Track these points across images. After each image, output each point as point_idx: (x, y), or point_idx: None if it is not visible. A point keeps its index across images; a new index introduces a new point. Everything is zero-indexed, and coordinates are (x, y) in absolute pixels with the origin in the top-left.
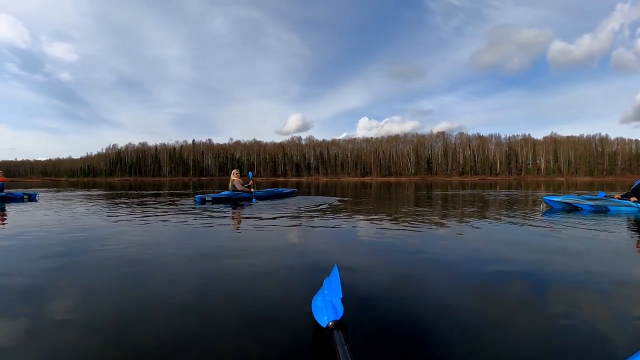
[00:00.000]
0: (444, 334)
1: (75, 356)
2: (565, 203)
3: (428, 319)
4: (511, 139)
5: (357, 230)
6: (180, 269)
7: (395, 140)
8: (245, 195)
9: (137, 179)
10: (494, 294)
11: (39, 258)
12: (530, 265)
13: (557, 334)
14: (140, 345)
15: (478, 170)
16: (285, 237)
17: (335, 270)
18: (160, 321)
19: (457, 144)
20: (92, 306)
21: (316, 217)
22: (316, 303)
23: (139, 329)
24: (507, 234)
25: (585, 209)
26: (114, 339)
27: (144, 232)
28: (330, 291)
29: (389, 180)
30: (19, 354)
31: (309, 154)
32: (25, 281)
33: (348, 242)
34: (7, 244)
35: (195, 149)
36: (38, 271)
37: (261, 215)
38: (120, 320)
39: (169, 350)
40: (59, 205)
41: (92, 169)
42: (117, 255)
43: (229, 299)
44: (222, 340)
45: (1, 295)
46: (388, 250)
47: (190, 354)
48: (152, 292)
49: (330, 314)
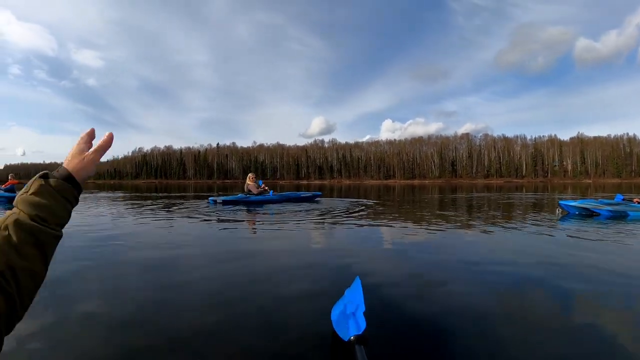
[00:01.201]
0: (469, 351)
1: (104, 349)
2: (581, 208)
3: (453, 334)
4: (537, 140)
5: (380, 236)
6: (204, 270)
7: (419, 143)
8: (258, 199)
9: (163, 181)
10: (518, 305)
11: (68, 257)
12: (556, 275)
13: (582, 344)
14: (164, 340)
15: (503, 172)
16: (306, 240)
17: (357, 281)
18: (183, 320)
19: (482, 145)
20: (119, 303)
21: (338, 220)
22: (337, 314)
23: (164, 324)
24: (530, 242)
25: (603, 214)
26: (141, 334)
27: (168, 233)
28: (352, 303)
29: (413, 183)
30: (53, 346)
31: (332, 156)
32: (57, 278)
33: (369, 248)
34: None
35: (219, 152)
36: (68, 269)
37: (281, 218)
38: (146, 316)
39: (190, 347)
40: (87, 207)
41: (119, 171)
42: (142, 255)
43: (249, 300)
44: (240, 342)
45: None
46: (411, 258)
47: (210, 353)
48: (176, 291)
49: (352, 327)
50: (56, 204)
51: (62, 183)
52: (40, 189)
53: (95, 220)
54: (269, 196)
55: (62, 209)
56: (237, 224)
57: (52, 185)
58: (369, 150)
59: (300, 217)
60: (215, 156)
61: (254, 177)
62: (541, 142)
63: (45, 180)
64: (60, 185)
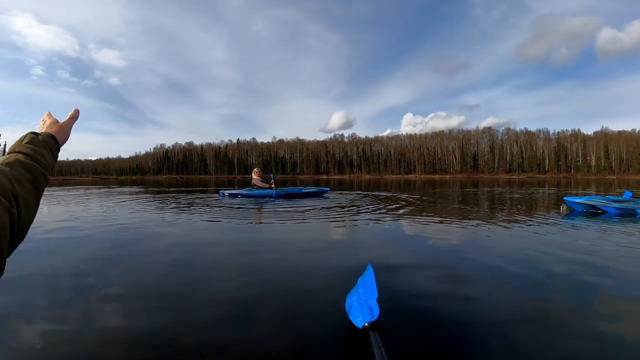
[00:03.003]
0: (481, 339)
1: (127, 342)
2: (587, 205)
3: (466, 323)
4: (560, 134)
5: (394, 228)
6: (220, 263)
7: (440, 137)
8: (263, 193)
9: (184, 176)
10: (531, 299)
11: (91, 251)
12: (571, 271)
13: (594, 346)
14: (183, 332)
15: (526, 167)
16: (319, 233)
17: (369, 269)
18: (202, 310)
19: (504, 140)
20: (139, 297)
21: (352, 213)
22: (351, 302)
23: (184, 319)
24: (549, 238)
25: (611, 212)
26: (160, 328)
27: (186, 227)
28: (365, 291)
29: (434, 177)
30: (75, 341)
31: (352, 151)
32: (78, 273)
33: (383, 239)
34: (63, 237)
35: (239, 148)
36: (90, 262)
37: (293, 211)
38: (167, 310)
39: (209, 339)
40: (110, 201)
41: (141, 167)
42: (161, 249)
43: (263, 291)
44: (255, 335)
45: (51, 286)
46: (425, 250)
47: (228, 346)
48: (193, 283)
49: (365, 314)
50: (45, 151)
51: (49, 138)
52: (33, 139)
53: (117, 213)
54: (267, 191)
55: (50, 156)
56: (246, 218)
57: (42, 139)
58: (389, 145)
59: (312, 210)
60: (236, 152)
61: (258, 171)
62: (564, 137)
63: (35, 134)
64: (47, 139)
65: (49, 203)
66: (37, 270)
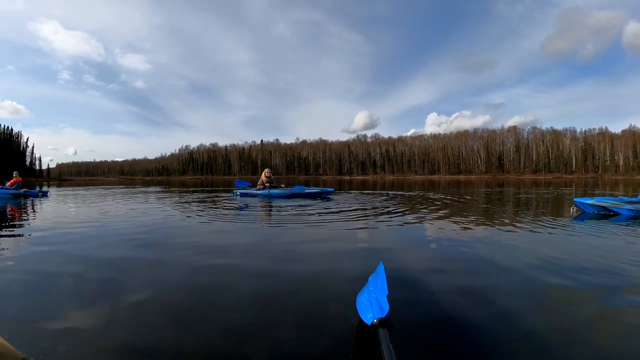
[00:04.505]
0: (493, 338)
1: (152, 339)
2: (598, 206)
3: (477, 321)
4: (587, 133)
5: (409, 228)
6: (236, 261)
7: (465, 136)
8: (260, 193)
9: (208, 177)
10: (546, 300)
11: (120, 246)
12: (587, 275)
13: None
14: (204, 327)
15: (552, 167)
16: (335, 233)
17: (380, 266)
18: (221, 310)
19: (529, 139)
20: (163, 295)
21: (367, 213)
22: (361, 300)
23: (206, 315)
24: (568, 241)
25: (624, 214)
26: (185, 324)
27: (207, 225)
28: (375, 288)
29: (458, 178)
30: (102, 337)
31: (375, 151)
32: (105, 270)
33: (398, 239)
34: (84, 235)
35: (263, 149)
36: (116, 261)
37: (310, 212)
38: (190, 305)
39: (231, 338)
40: (134, 200)
41: (166, 168)
42: (184, 247)
43: (276, 289)
44: (268, 330)
45: (79, 282)
46: (438, 249)
47: (244, 343)
48: (214, 281)
49: (375, 311)
50: None
51: None
52: None
53: (146, 212)
54: (271, 191)
55: None
56: (256, 218)
57: None
58: (413, 145)
59: (322, 210)
60: (259, 153)
61: (268, 172)
62: (591, 135)
63: None
64: None
65: (62, 203)
66: (58, 269)
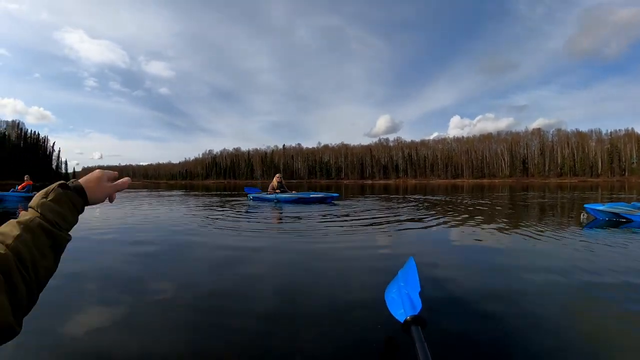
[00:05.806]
0: (526, 340)
1: (176, 335)
2: (610, 213)
3: (509, 322)
4: (613, 134)
5: (434, 232)
6: (266, 260)
7: (488, 140)
8: (269, 197)
9: (231, 181)
10: (579, 306)
11: (137, 250)
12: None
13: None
14: (231, 325)
15: (578, 171)
16: (362, 236)
17: (411, 261)
18: (249, 306)
19: (554, 141)
20: (189, 292)
21: (389, 219)
22: (391, 295)
23: (233, 314)
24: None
25: (637, 220)
26: (211, 323)
27: (230, 227)
28: (406, 283)
29: (482, 182)
30: (123, 334)
31: (397, 155)
32: (125, 271)
33: (423, 242)
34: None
35: (285, 153)
36: (137, 262)
37: (333, 215)
38: (214, 303)
39: (256, 329)
40: (161, 204)
41: (190, 172)
42: (209, 247)
43: (303, 288)
44: (295, 326)
45: (99, 282)
46: (470, 250)
47: (273, 335)
48: (240, 279)
49: (407, 308)
50: (70, 212)
51: (76, 196)
52: (59, 197)
53: (171, 214)
54: (278, 196)
55: (74, 217)
56: (269, 221)
57: (69, 196)
58: (435, 149)
59: (345, 215)
60: (282, 157)
61: (279, 177)
62: (617, 137)
63: (63, 190)
64: (75, 198)
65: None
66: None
